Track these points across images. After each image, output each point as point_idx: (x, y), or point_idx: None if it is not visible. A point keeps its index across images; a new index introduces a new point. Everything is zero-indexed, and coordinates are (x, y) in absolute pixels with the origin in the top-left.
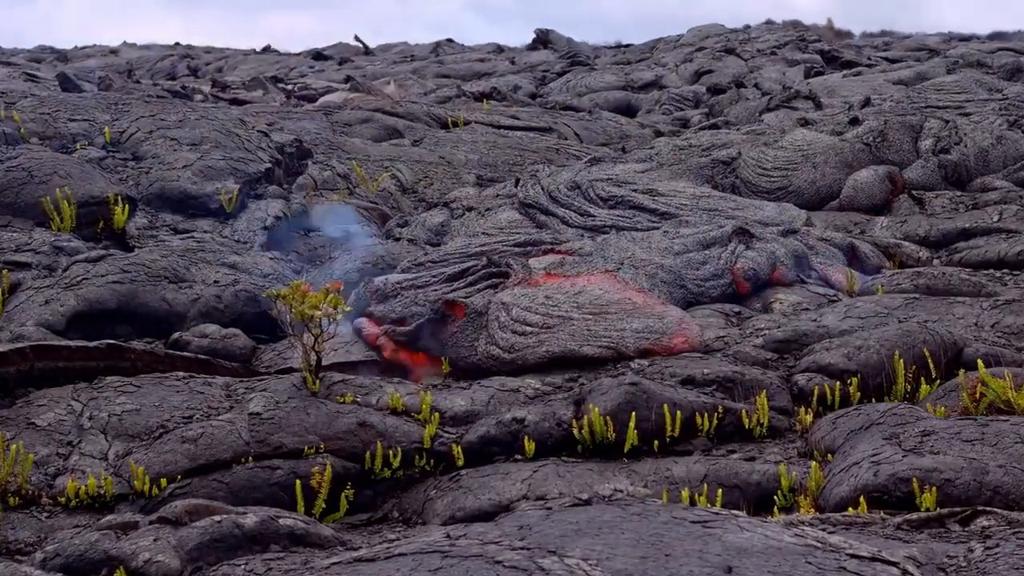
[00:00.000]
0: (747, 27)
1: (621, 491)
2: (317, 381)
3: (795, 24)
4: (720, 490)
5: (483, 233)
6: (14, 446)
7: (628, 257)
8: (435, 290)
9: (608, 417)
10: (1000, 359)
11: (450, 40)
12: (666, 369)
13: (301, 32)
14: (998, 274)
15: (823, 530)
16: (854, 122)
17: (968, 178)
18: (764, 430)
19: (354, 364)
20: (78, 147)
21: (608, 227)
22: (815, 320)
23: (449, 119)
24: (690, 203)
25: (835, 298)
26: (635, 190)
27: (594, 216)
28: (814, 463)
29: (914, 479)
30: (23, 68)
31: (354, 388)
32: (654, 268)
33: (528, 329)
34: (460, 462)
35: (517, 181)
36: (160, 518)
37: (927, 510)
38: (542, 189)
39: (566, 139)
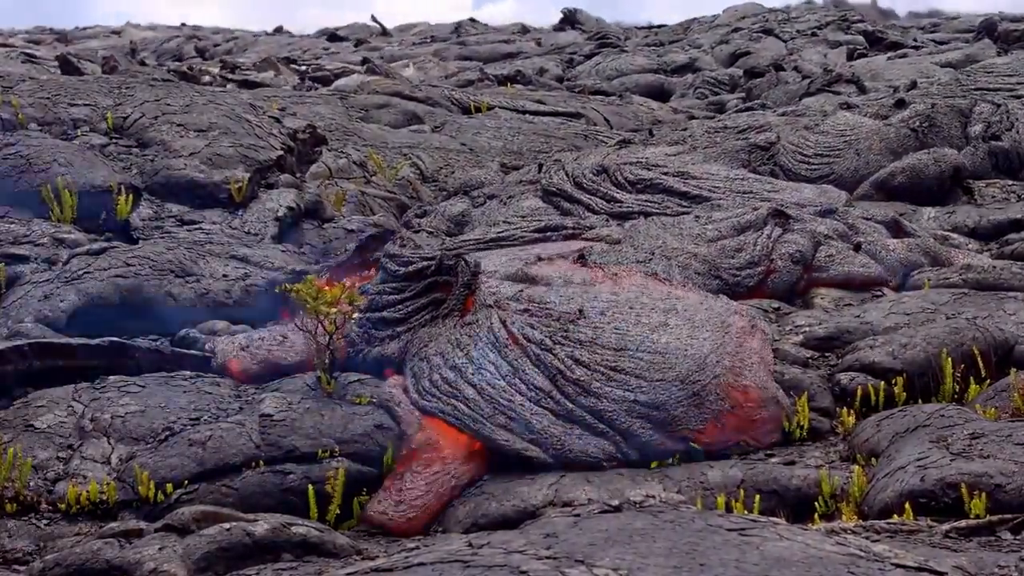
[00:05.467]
0: (787, 6)
1: (653, 497)
2: (332, 381)
3: (837, 3)
4: (758, 496)
5: (504, 222)
6: (11, 449)
7: (659, 246)
8: (389, 292)
9: None
10: None
11: (473, 20)
12: None
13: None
14: None
15: (866, 538)
16: (900, 105)
17: (1020, 166)
18: (804, 432)
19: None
20: (79, 133)
21: (636, 213)
22: (858, 316)
23: (471, 104)
24: (723, 186)
25: (879, 293)
26: (665, 173)
27: (621, 202)
28: (857, 467)
29: (963, 484)
30: (21, 49)
31: (371, 388)
32: (687, 257)
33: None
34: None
35: (540, 167)
36: (166, 526)
37: (977, 517)
38: (566, 175)
39: (595, 125)
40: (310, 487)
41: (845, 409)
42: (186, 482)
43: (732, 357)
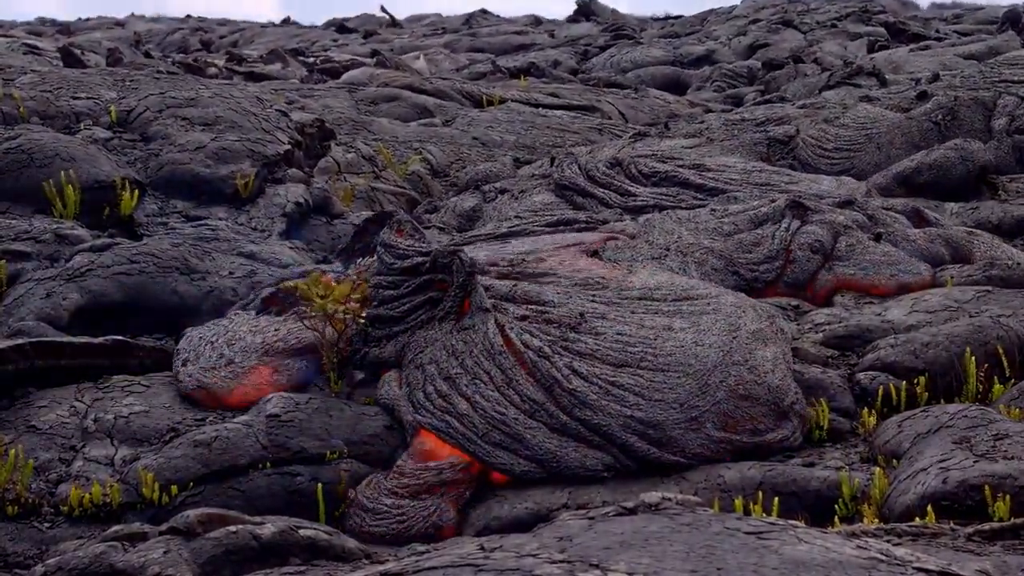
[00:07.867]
0: None
1: (669, 499)
2: (340, 380)
3: None
4: (776, 498)
5: (515, 216)
6: (13, 450)
7: (674, 242)
8: (386, 287)
9: None
10: None
11: (484, 11)
12: None
13: None
14: None
15: (888, 541)
16: (922, 97)
17: None
18: (824, 433)
19: None
20: (82, 127)
21: (650, 207)
22: (879, 314)
23: (483, 97)
24: (740, 177)
25: None
26: (681, 165)
27: (635, 195)
28: (878, 469)
29: (986, 486)
30: (23, 41)
31: (379, 388)
32: (703, 253)
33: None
34: None
35: (553, 161)
36: (171, 528)
37: (1001, 520)
38: (579, 168)
39: (610, 118)
40: (319, 489)
41: (866, 409)
42: (191, 484)
43: (739, 367)
